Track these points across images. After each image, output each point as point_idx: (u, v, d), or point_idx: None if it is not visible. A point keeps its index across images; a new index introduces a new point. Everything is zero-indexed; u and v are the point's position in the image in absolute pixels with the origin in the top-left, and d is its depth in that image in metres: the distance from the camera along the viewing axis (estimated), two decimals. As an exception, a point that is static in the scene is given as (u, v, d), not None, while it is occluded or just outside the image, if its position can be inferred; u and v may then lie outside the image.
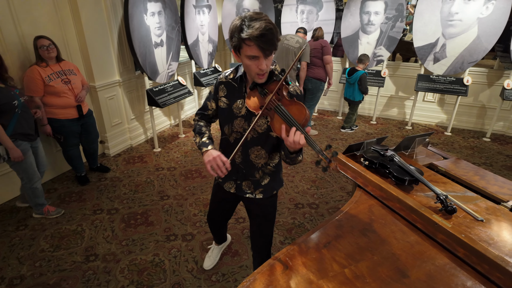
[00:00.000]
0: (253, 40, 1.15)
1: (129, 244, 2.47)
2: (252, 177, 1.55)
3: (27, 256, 2.33)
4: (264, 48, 1.17)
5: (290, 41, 4.03)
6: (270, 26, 1.15)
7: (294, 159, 1.34)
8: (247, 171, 1.54)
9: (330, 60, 4.19)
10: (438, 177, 1.80)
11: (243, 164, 1.53)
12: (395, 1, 4.50)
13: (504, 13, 3.92)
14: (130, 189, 3.20)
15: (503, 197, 1.62)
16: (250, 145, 1.47)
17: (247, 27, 1.15)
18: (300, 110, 1.22)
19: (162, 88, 3.96)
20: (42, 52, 2.72)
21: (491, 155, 4.07)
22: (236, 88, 1.42)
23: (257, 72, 1.25)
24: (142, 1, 3.50)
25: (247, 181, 1.57)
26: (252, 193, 1.59)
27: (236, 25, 1.19)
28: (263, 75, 1.28)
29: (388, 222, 1.42)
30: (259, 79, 1.29)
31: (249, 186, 1.58)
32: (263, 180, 1.56)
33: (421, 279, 1.12)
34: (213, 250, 2.31)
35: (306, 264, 1.19)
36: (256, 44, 1.16)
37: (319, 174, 3.54)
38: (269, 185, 1.58)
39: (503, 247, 1.25)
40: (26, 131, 2.44)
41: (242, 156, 1.51)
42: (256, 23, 1.14)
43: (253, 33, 1.14)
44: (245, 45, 1.18)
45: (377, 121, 5.24)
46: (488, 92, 4.69)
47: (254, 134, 1.43)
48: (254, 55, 1.20)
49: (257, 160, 1.50)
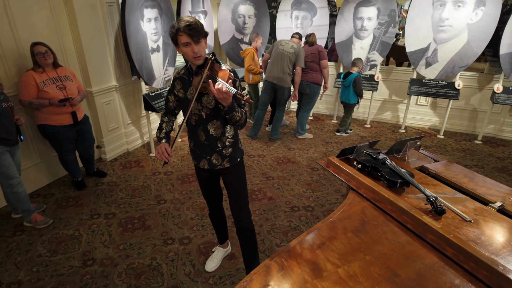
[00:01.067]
0: (181, 30, 1.50)
1: (126, 248, 2.49)
2: (216, 148, 1.82)
3: (24, 261, 2.34)
4: (191, 35, 1.50)
5: (285, 46, 4.10)
6: (194, 20, 1.52)
7: (232, 115, 1.62)
8: (211, 144, 1.82)
9: (327, 65, 4.27)
10: (428, 179, 1.85)
11: (207, 140, 1.81)
12: (388, 7, 4.60)
13: (493, 19, 4.03)
14: (127, 194, 3.22)
15: (490, 198, 1.67)
16: (207, 121, 1.76)
17: (177, 23, 1.52)
18: (224, 72, 1.57)
19: (159, 93, 3.99)
20: (39, 59, 2.74)
21: (482, 157, 4.15)
22: (186, 80, 1.75)
23: (193, 56, 1.56)
24: (139, 8, 3.54)
25: (214, 154, 1.84)
26: (221, 164, 1.87)
27: (172, 24, 1.56)
28: (199, 58, 1.57)
29: (380, 223, 1.47)
30: (197, 61, 1.58)
31: (217, 158, 1.85)
32: (226, 151, 1.84)
33: (411, 278, 1.17)
34: (218, 252, 2.36)
35: (301, 265, 1.23)
36: (185, 32, 1.50)
37: (315, 177, 3.59)
38: (232, 154, 1.87)
39: (489, 246, 1.30)
40: (3, 136, 2.42)
41: (204, 134, 1.79)
42: (183, 19, 1.52)
43: (181, 25, 1.50)
44: (178, 36, 1.53)
45: (371, 125, 5.32)
46: (479, 96, 4.79)
47: (207, 111, 1.73)
48: (186, 42, 1.52)
49: (216, 132, 1.79)
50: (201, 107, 1.73)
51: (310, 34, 4.33)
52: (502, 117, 4.72)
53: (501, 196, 1.70)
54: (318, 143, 4.58)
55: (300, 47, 4.10)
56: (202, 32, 1.55)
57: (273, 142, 4.59)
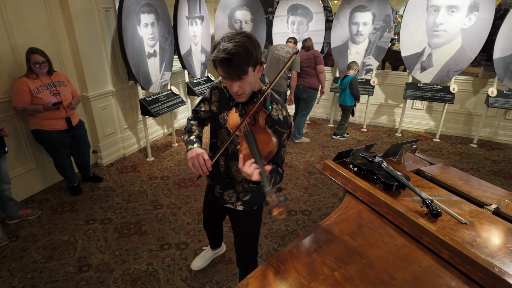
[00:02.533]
0: (217, 63, 1.15)
1: (122, 253, 2.47)
2: (233, 188, 1.57)
3: (18, 268, 2.31)
4: (228, 72, 1.15)
5: (281, 51, 4.12)
6: (238, 50, 1.10)
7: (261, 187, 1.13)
8: (229, 181, 1.56)
9: (323, 70, 4.30)
10: (424, 182, 1.86)
11: (226, 174, 1.54)
12: (383, 12, 4.65)
13: (486, 24, 4.09)
14: (123, 199, 3.20)
15: (486, 200, 1.68)
16: (231, 159, 1.48)
17: (215, 50, 1.14)
18: (267, 141, 1.18)
19: (155, 97, 3.99)
20: (34, 67, 2.72)
21: (478, 160, 4.18)
22: (226, 97, 1.42)
23: (232, 93, 1.25)
24: (136, 13, 3.56)
25: (230, 190, 1.58)
26: (232, 204, 1.59)
27: (215, 42, 1.19)
28: (240, 96, 1.25)
29: (376, 226, 1.47)
30: (237, 98, 1.27)
31: (231, 196, 1.58)
32: (244, 196, 1.56)
33: (408, 281, 1.17)
34: (206, 252, 2.33)
35: (297, 268, 1.23)
36: (221, 67, 1.16)
37: (311, 181, 3.59)
38: (250, 200, 1.58)
39: (485, 248, 1.31)
40: None
41: (225, 167, 1.52)
42: (227, 44, 1.11)
43: (218, 56, 1.12)
44: (217, 65, 1.17)
45: (367, 129, 5.34)
46: (473, 100, 4.83)
47: (234, 149, 1.44)
48: (224, 76, 1.19)
49: (237, 175, 1.51)
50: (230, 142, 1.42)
51: (307, 39, 4.37)
52: (497, 121, 4.76)
53: (496, 198, 1.71)
54: (315, 147, 4.59)
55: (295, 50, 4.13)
56: (247, 63, 1.14)
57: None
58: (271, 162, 1.37)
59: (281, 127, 1.32)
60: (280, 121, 1.32)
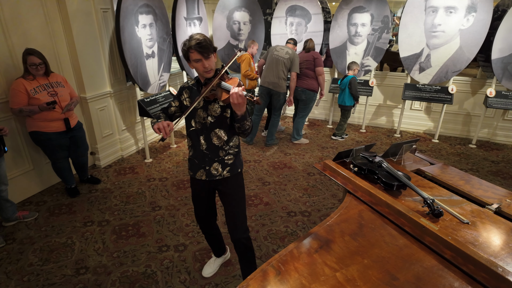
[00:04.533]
0: (193, 48, 1.58)
1: (120, 256, 2.44)
2: (217, 157, 1.80)
3: (15, 271, 2.28)
4: (201, 52, 1.58)
5: (280, 52, 4.12)
6: (205, 38, 1.61)
7: (243, 124, 1.63)
8: (212, 154, 1.80)
9: (322, 72, 4.28)
10: (425, 182, 1.84)
11: (208, 150, 1.79)
12: (381, 14, 4.66)
13: (484, 25, 4.10)
14: (121, 201, 3.17)
15: (487, 200, 1.67)
16: (210, 129, 1.76)
17: (188, 42, 1.60)
18: (234, 80, 1.65)
19: (154, 98, 3.97)
20: (31, 69, 2.70)
21: (477, 161, 4.17)
22: (195, 89, 1.81)
23: (204, 70, 1.64)
24: (134, 14, 3.54)
25: (214, 163, 1.81)
26: (220, 175, 1.83)
27: (183, 42, 1.64)
28: (209, 71, 1.65)
29: (378, 227, 1.45)
30: (207, 74, 1.65)
31: (217, 168, 1.82)
32: (228, 159, 1.82)
33: (410, 281, 1.15)
34: (215, 260, 2.32)
35: (298, 269, 1.21)
36: (196, 50, 1.58)
37: (311, 182, 3.58)
38: (233, 164, 1.85)
39: (487, 248, 1.29)
40: None
41: (206, 142, 1.79)
42: (193, 37, 1.60)
43: (191, 43, 1.58)
44: (190, 53, 1.61)
45: (366, 130, 5.34)
46: (472, 100, 4.84)
47: (212, 119, 1.74)
48: (197, 58, 1.61)
49: (219, 141, 1.78)
50: (206, 115, 1.74)
51: (308, 39, 4.34)
52: (495, 121, 4.76)
53: (497, 198, 1.70)
54: (314, 148, 4.57)
55: (295, 53, 4.12)
56: (211, 48, 1.64)
57: (269, 147, 4.57)
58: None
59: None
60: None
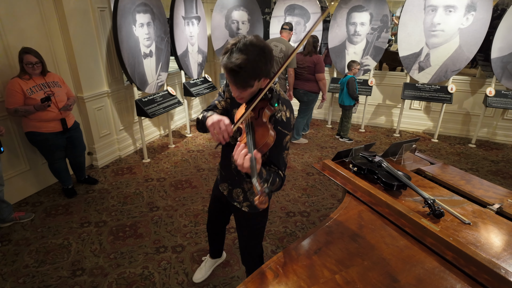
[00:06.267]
0: (225, 70, 1.18)
1: (117, 257, 2.41)
2: (242, 185, 1.56)
3: (10, 272, 2.25)
4: (233, 82, 1.19)
5: (275, 50, 4.03)
6: (247, 65, 1.12)
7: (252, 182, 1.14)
8: (238, 178, 1.55)
9: (322, 78, 4.19)
10: (425, 182, 1.82)
11: (236, 171, 1.52)
12: (380, 13, 4.64)
13: (483, 24, 4.08)
14: (118, 201, 3.14)
15: (488, 200, 1.65)
16: None
17: (229, 55, 1.14)
18: (265, 133, 1.18)
19: (152, 98, 3.94)
20: (27, 68, 2.66)
21: (476, 160, 4.16)
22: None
23: (235, 95, 1.27)
24: (131, 12, 3.51)
25: (238, 189, 1.58)
26: (239, 204, 1.59)
27: (227, 47, 1.18)
28: (241, 99, 1.28)
29: (378, 227, 1.43)
30: (239, 101, 1.30)
31: (239, 195, 1.58)
32: (250, 195, 1.55)
33: (411, 283, 1.13)
34: (206, 262, 2.26)
35: (296, 271, 1.18)
36: (227, 75, 1.19)
37: (310, 182, 3.55)
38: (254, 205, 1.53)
39: (489, 249, 1.27)
40: None
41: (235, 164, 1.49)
42: (238, 55, 1.12)
43: (227, 65, 1.14)
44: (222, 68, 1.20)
45: (365, 129, 5.32)
46: (471, 100, 4.82)
47: None
48: (228, 82, 1.23)
49: None
50: (238, 136, 1.38)
51: (306, 42, 4.22)
52: (495, 121, 4.75)
53: (498, 198, 1.68)
54: (313, 148, 4.55)
55: (290, 47, 4.00)
56: (256, 77, 1.17)
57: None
58: (271, 164, 1.35)
59: (283, 128, 1.29)
60: (283, 122, 1.30)
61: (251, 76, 1.15)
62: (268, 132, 1.18)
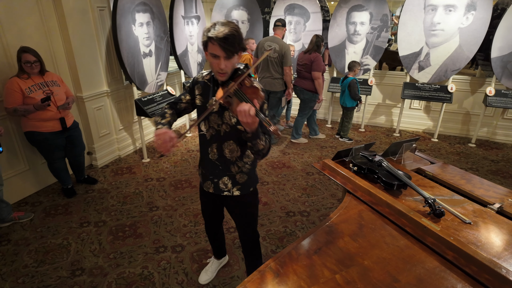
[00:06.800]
0: (216, 40, 1.28)
1: (117, 257, 2.41)
2: (228, 171, 1.61)
3: (9, 273, 2.25)
4: (225, 49, 1.29)
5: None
6: (234, 33, 1.29)
7: (255, 144, 1.38)
8: (223, 167, 1.60)
9: (317, 76, 4.10)
10: (425, 181, 1.82)
11: (219, 161, 1.59)
12: (380, 12, 4.63)
13: (483, 23, 4.07)
14: (118, 201, 3.14)
15: (489, 200, 1.64)
16: (223, 140, 1.54)
17: (214, 29, 1.29)
18: (254, 91, 1.33)
19: (151, 98, 3.94)
20: (26, 67, 2.65)
21: (476, 160, 4.15)
22: (210, 87, 1.53)
23: (218, 71, 1.37)
24: (130, 12, 3.50)
25: (224, 178, 1.62)
26: (229, 191, 1.64)
27: (208, 26, 1.35)
28: (223, 74, 1.37)
29: (378, 227, 1.42)
30: (220, 77, 1.39)
31: (226, 184, 1.63)
32: (240, 177, 1.62)
33: (412, 283, 1.12)
34: (212, 264, 2.25)
35: (297, 271, 1.18)
36: (218, 44, 1.28)
37: (310, 182, 3.55)
38: (246, 182, 1.65)
39: (490, 249, 1.27)
40: None
41: (217, 153, 1.57)
42: (223, 28, 1.29)
43: (218, 35, 1.27)
44: (210, 43, 1.31)
45: (365, 129, 5.31)
46: (471, 99, 4.82)
47: (226, 128, 1.51)
48: (216, 54, 1.32)
49: (231, 155, 1.57)
50: (221, 122, 1.50)
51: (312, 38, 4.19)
52: (495, 120, 4.74)
53: (499, 197, 1.68)
54: (313, 147, 4.55)
55: (284, 45, 3.96)
56: (239, 47, 1.33)
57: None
58: None
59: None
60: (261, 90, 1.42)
61: (238, 43, 1.32)
62: (256, 87, 1.34)
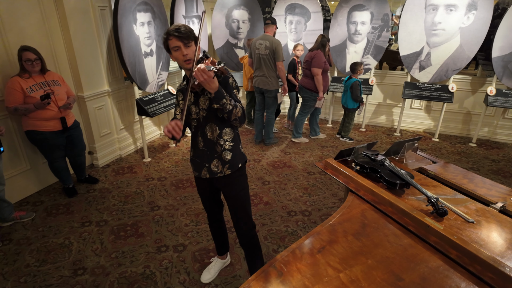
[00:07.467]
0: (171, 34, 1.52)
1: (118, 256, 2.41)
2: (215, 153, 1.77)
3: (11, 272, 2.25)
4: (180, 37, 1.52)
5: (260, 48, 4.01)
6: (183, 25, 1.56)
7: (223, 105, 1.55)
8: (210, 151, 1.77)
9: (316, 73, 4.08)
10: (428, 180, 1.82)
11: (206, 146, 1.77)
12: (381, 12, 4.63)
13: (484, 23, 4.07)
14: (119, 200, 3.14)
15: (491, 199, 1.64)
16: (204, 124, 1.73)
17: (168, 30, 1.56)
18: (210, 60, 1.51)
19: (152, 97, 3.94)
20: (26, 65, 2.66)
21: (477, 159, 4.15)
22: (185, 89, 1.74)
23: (183, 60, 1.56)
24: (132, 11, 3.50)
25: (214, 160, 1.78)
26: (221, 172, 1.79)
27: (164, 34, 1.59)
28: (189, 61, 1.57)
29: (381, 226, 1.43)
30: (187, 65, 1.58)
31: (217, 165, 1.79)
32: (225, 155, 1.77)
33: (416, 282, 1.12)
34: (215, 263, 2.26)
35: (300, 270, 1.18)
36: (174, 35, 1.52)
37: (311, 182, 3.55)
38: (233, 160, 1.80)
39: (494, 248, 1.27)
40: None
41: (202, 139, 1.76)
42: (173, 26, 1.55)
43: (170, 30, 1.54)
44: (169, 41, 1.55)
45: (366, 129, 5.31)
46: (472, 99, 4.82)
47: (203, 113, 1.70)
48: (176, 46, 1.54)
49: (212, 135, 1.74)
50: (198, 110, 1.71)
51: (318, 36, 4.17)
52: (496, 120, 4.74)
53: (502, 196, 1.68)
54: (314, 147, 4.55)
55: (273, 41, 3.93)
56: (191, 35, 1.56)
57: (268, 146, 4.54)
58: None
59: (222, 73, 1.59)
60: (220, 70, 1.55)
61: (189, 31, 1.55)
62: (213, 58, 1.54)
